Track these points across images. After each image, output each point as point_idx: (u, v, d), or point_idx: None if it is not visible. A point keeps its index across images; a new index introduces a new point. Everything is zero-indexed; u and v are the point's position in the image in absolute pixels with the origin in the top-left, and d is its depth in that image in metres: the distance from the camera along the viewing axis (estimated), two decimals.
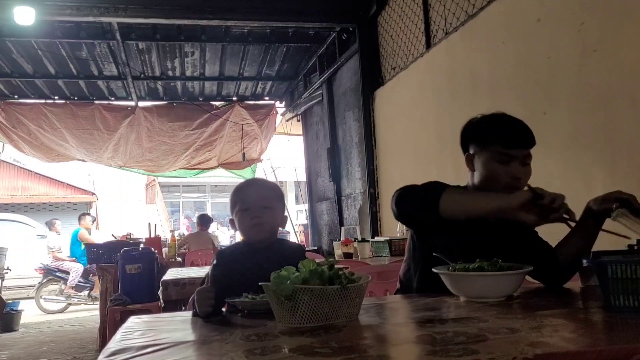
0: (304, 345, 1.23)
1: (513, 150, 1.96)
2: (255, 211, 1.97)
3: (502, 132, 2.00)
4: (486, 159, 1.99)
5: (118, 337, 1.46)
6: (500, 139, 1.98)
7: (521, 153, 1.97)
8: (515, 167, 1.95)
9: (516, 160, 1.96)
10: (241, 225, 2.00)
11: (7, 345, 6.72)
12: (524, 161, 1.98)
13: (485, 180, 2.00)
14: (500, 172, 1.96)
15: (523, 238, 2.08)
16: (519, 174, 1.95)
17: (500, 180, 1.95)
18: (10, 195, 17.50)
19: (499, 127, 2.03)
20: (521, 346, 1.11)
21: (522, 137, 1.99)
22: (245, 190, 2.07)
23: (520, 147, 1.97)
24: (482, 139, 2.03)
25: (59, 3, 5.52)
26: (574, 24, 2.99)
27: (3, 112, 8.55)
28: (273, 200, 2.04)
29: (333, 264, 1.51)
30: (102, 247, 6.73)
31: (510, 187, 1.93)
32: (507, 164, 1.95)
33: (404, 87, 5.41)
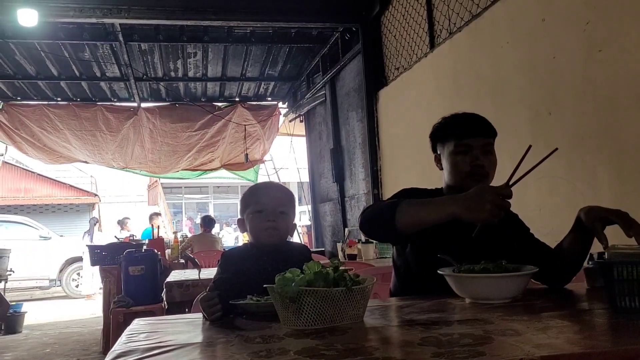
0: (309, 348, 1.22)
1: (469, 139, 2.05)
2: (271, 214, 1.95)
3: (456, 126, 2.10)
4: (448, 153, 2.09)
5: (123, 339, 1.46)
6: (456, 131, 2.08)
7: (479, 142, 2.05)
8: (474, 154, 2.03)
9: (475, 149, 2.04)
10: (253, 226, 1.98)
11: (11, 347, 6.73)
12: (484, 149, 2.05)
13: (451, 174, 2.10)
14: (461, 162, 2.05)
15: (520, 238, 2.09)
16: (479, 161, 2.02)
17: (462, 169, 2.04)
18: (13, 197, 17.52)
19: (454, 122, 2.13)
20: (527, 348, 1.11)
21: (477, 126, 2.08)
22: (261, 192, 2.05)
23: (476, 136, 2.05)
24: (443, 136, 2.14)
25: (62, 5, 5.53)
26: (579, 23, 2.98)
27: (6, 113, 8.57)
28: (288, 206, 2.02)
29: (338, 266, 1.50)
30: (105, 249, 6.72)
31: (473, 175, 2.02)
32: (466, 153, 2.04)
33: (407, 88, 5.41)
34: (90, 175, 19.16)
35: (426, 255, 1.98)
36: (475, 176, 2.02)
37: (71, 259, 12.98)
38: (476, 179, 2.01)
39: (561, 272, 2.00)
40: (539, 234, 2.14)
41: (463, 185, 2.01)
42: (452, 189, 2.10)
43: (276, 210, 1.97)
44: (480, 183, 1.99)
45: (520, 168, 1.77)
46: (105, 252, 6.59)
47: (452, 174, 2.08)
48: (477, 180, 2.01)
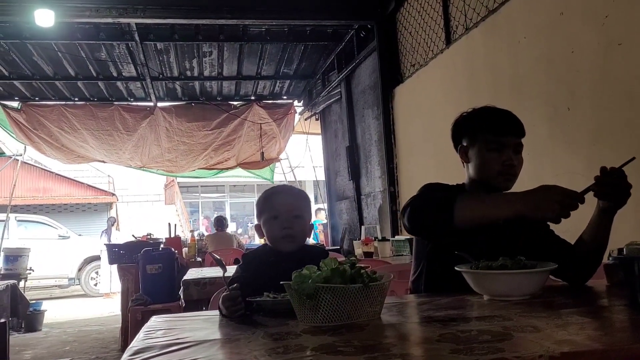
0: (326, 344, 1.22)
1: (504, 137, 2.02)
2: (286, 221, 1.96)
3: (492, 121, 2.07)
4: (479, 148, 2.05)
5: (141, 336, 1.46)
6: (492, 127, 2.04)
7: (512, 141, 2.03)
8: (508, 154, 2.01)
9: (508, 148, 2.01)
10: (271, 233, 1.99)
11: (31, 345, 6.80)
12: (516, 149, 2.04)
13: (480, 170, 2.06)
14: (493, 160, 2.01)
15: (538, 235, 2.07)
16: (512, 160, 2.00)
17: (494, 167, 2.01)
18: (32, 197, 17.70)
19: (489, 117, 2.10)
20: (547, 344, 1.10)
21: (512, 125, 2.05)
22: (274, 198, 2.05)
23: (511, 135, 2.03)
24: (474, 130, 2.09)
25: (79, 5, 5.57)
26: (597, 17, 2.94)
27: (24, 114, 8.66)
28: (302, 209, 2.03)
29: (354, 263, 1.50)
30: (123, 248, 6.77)
31: (504, 174, 2.01)
32: (499, 151, 2.01)
33: (423, 84, 5.38)
34: (107, 174, 19.30)
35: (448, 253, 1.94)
36: (506, 175, 2.01)
37: (89, 257, 13.10)
38: (506, 179, 2.01)
39: (581, 268, 1.98)
40: (557, 231, 2.11)
41: (491, 183, 2.02)
42: (478, 184, 2.07)
43: (290, 215, 1.97)
44: (510, 183, 2.02)
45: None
46: (123, 251, 6.63)
47: (482, 170, 2.04)
48: (507, 180, 2.01)
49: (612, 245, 1.89)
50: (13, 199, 11.57)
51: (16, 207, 15.01)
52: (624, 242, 1.68)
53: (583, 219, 1.92)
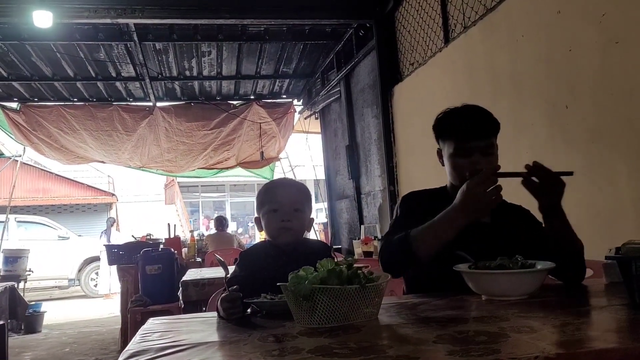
0: (322, 346, 1.22)
1: (469, 142, 1.99)
2: (286, 213, 1.96)
3: (457, 126, 2.03)
4: (449, 153, 2.05)
5: (137, 338, 1.46)
6: (455, 133, 2.02)
7: (478, 144, 1.99)
8: (475, 158, 1.98)
9: (475, 152, 1.99)
10: (269, 226, 1.98)
11: (31, 347, 6.80)
12: (485, 151, 2.00)
13: (451, 176, 2.07)
14: (461, 166, 2.01)
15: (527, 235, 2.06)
16: (479, 165, 1.97)
17: (462, 173, 1.99)
18: (31, 198, 17.71)
19: (453, 123, 2.06)
20: (543, 345, 1.09)
21: (476, 128, 2.01)
22: (275, 191, 2.05)
23: (476, 139, 1.99)
24: (443, 134, 2.09)
25: (77, 6, 5.56)
26: (595, 15, 2.94)
27: (23, 115, 8.66)
28: (303, 203, 2.02)
29: (351, 263, 1.49)
30: (122, 248, 6.77)
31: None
32: (468, 156, 1.99)
33: (423, 83, 5.37)
34: (107, 175, 19.31)
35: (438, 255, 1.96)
36: None
37: (89, 258, 13.10)
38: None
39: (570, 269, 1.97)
40: None
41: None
42: (455, 188, 2.05)
43: (291, 208, 1.97)
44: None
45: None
46: (123, 252, 6.63)
47: (453, 176, 2.07)
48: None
49: (610, 244, 1.88)
50: (12, 200, 11.56)
51: (16, 208, 15.00)
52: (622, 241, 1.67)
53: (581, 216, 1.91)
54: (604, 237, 2.87)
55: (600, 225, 2.95)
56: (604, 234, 2.91)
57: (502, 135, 4.01)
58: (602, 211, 2.96)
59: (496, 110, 4.11)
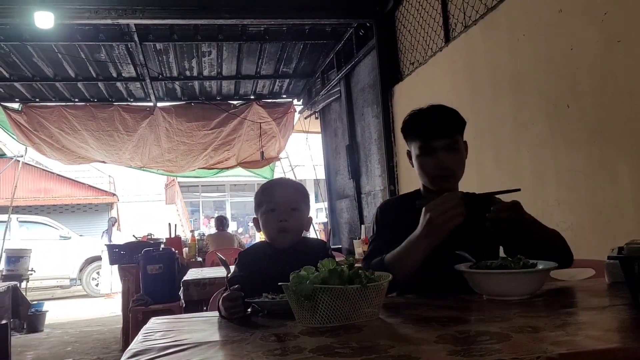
0: (324, 346, 1.22)
1: (431, 141, 2.01)
2: (283, 213, 1.95)
3: (420, 127, 2.06)
4: (416, 154, 2.08)
5: (140, 338, 1.46)
6: (417, 133, 2.06)
7: (441, 143, 2.00)
8: (440, 156, 2.00)
9: (439, 150, 2.00)
10: (267, 226, 1.98)
11: (33, 346, 6.81)
12: (449, 148, 2.02)
13: (420, 176, 2.10)
14: (426, 165, 2.04)
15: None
16: (444, 162, 2.00)
17: (429, 172, 2.03)
18: (33, 198, 17.72)
19: (416, 122, 2.09)
20: (545, 345, 1.09)
21: (440, 127, 2.03)
22: (272, 191, 2.04)
23: (438, 137, 2.01)
24: (409, 135, 2.12)
25: (78, 6, 5.57)
26: (596, 14, 2.94)
27: (25, 115, 8.66)
28: (300, 202, 2.02)
29: (353, 263, 1.49)
30: (124, 248, 6.77)
31: (439, 177, 2.02)
32: (432, 155, 2.01)
33: (423, 82, 5.37)
34: (108, 175, 19.32)
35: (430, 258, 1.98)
36: (441, 178, 2.03)
37: (91, 258, 13.12)
38: (443, 180, 2.03)
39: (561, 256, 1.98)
40: (558, 229, 2.11)
41: (432, 187, 2.06)
42: (427, 189, 2.12)
43: (288, 207, 1.96)
44: (448, 184, 2.02)
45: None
46: (124, 251, 6.64)
47: (421, 176, 2.09)
48: (443, 182, 2.03)
49: (612, 243, 1.88)
50: (14, 200, 11.56)
51: (17, 208, 15.03)
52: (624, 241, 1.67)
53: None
54: (606, 236, 2.88)
55: (602, 225, 2.95)
56: (606, 233, 2.91)
57: (503, 134, 4.02)
58: (603, 210, 2.96)
59: (497, 110, 4.13)
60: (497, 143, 3.92)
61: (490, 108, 4.06)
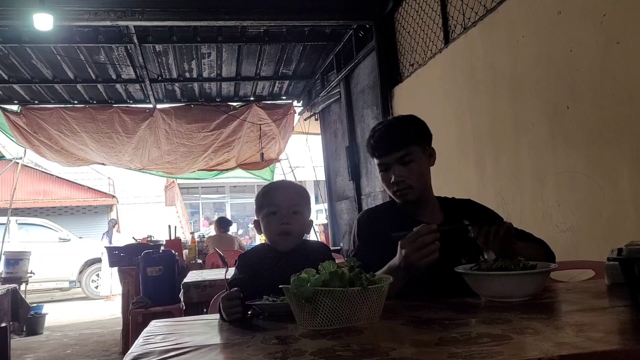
0: (325, 348, 1.22)
1: (384, 157, 2.07)
2: (285, 216, 1.95)
3: (373, 145, 2.12)
4: (378, 171, 2.14)
5: (140, 341, 1.46)
6: (372, 152, 2.13)
7: (393, 158, 2.05)
8: (395, 170, 2.05)
9: (393, 165, 2.05)
10: (268, 229, 1.98)
11: (33, 349, 6.80)
12: (402, 161, 2.05)
13: (387, 191, 2.16)
14: (385, 181, 2.11)
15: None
16: (398, 177, 2.04)
17: (389, 187, 2.10)
18: (32, 200, 17.72)
19: (371, 141, 2.13)
20: (546, 347, 1.09)
21: (386, 143, 2.07)
22: (274, 193, 2.03)
23: (389, 153, 2.06)
24: (370, 154, 2.17)
25: (77, 8, 5.56)
26: (596, 15, 2.94)
27: (24, 117, 8.65)
28: (302, 205, 2.01)
29: (353, 266, 1.49)
30: (123, 250, 6.77)
31: (398, 191, 2.06)
32: (387, 171, 2.07)
33: (423, 84, 5.37)
34: (107, 177, 19.31)
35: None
36: (400, 191, 2.07)
37: (90, 260, 13.11)
38: (402, 194, 2.07)
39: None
40: (558, 230, 2.12)
41: (398, 201, 2.13)
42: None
43: (290, 211, 1.96)
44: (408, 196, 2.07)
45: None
46: (124, 254, 6.63)
47: (386, 191, 2.16)
48: (403, 195, 2.07)
49: (612, 244, 1.88)
50: (13, 202, 11.56)
51: (17, 210, 15.01)
52: (624, 242, 1.68)
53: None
54: (606, 237, 2.88)
55: (602, 226, 2.95)
56: (606, 234, 2.91)
57: (503, 135, 4.01)
58: (603, 212, 2.96)
59: (496, 111, 4.13)
60: (496, 144, 3.92)
61: (490, 109, 4.07)
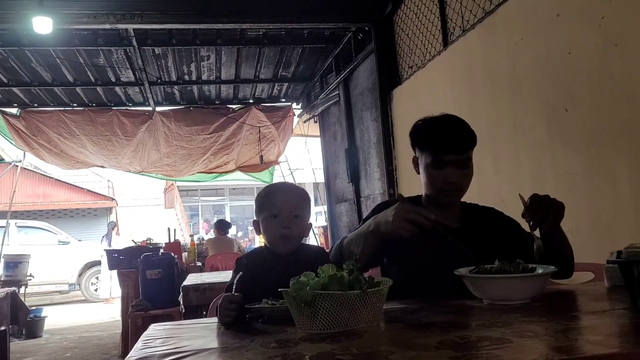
0: (324, 352, 1.22)
1: (444, 156, 2.00)
2: (286, 220, 1.93)
3: (433, 139, 2.04)
4: (424, 164, 2.07)
5: (140, 345, 1.46)
6: (432, 145, 2.03)
7: (453, 158, 2.00)
8: (450, 171, 2.00)
9: (450, 165, 2.00)
10: (268, 232, 1.96)
11: (32, 352, 6.79)
12: (461, 165, 2.02)
13: (425, 186, 2.11)
14: (436, 177, 2.03)
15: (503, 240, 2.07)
16: (453, 178, 2.01)
17: (436, 185, 2.04)
18: (31, 203, 17.71)
19: (431, 134, 2.06)
20: (546, 350, 1.09)
21: (453, 143, 2.01)
22: (275, 196, 2.01)
23: (452, 153, 2.00)
24: (420, 144, 2.11)
25: (76, 11, 5.56)
26: (594, 18, 2.94)
27: (23, 120, 8.65)
28: (303, 209, 2.00)
29: (353, 269, 1.49)
30: (123, 253, 6.77)
31: (446, 192, 2.03)
32: (441, 169, 2.01)
33: (422, 86, 5.38)
34: (107, 179, 19.32)
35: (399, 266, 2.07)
36: (448, 192, 2.04)
37: (90, 263, 13.11)
38: (449, 195, 2.05)
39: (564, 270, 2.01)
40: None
41: (436, 199, 2.07)
42: (429, 198, 2.13)
43: (291, 214, 1.94)
44: (453, 198, 2.07)
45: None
46: (123, 256, 6.63)
47: (427, 187, 2.10)
48: (449, 196, 2.05)
49: (611, 247, 1.88)
50: (13, 205, 11.56)
51: (16, 213, 15.01)
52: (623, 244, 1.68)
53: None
54: (605, 239, 2.88)
55: (601, 228, 2.95)
56: (605, 236, 2.91)
57: (502, 137, 4.01)
58: (602, 214, 2.96)
59: (495, 113, 4.13)
60: (495, 147, 3.92)
61: (489, 112, 4.07)
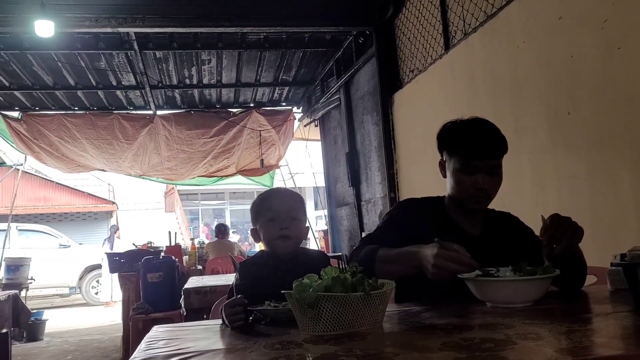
0: (328, 354, 1.21)
1: (477, 161, 1.96)
2: (283, 222, 1.95)
3: (465, 143, 1.99)
4: (454, 168, 2.02)
5: (143, 346, 1.46)
6: (464, 150, 1.99)
7: (484, 164, 1.97)
8: (481, 177, 1.97)
9: (480, 171, 1.97)
10: (267, 236, 1.98)
11: (33, 355, 6.78)
12: (491, 171, 1.98)
13: (453, 190, 2.05)
14: (466, 183, 1.99)
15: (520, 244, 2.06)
16: (483, 184, 1.97)
17: (465, 190, 1.99)
18: (32, 206, 17.70)
19: (463, 138, 2.01)
20: (550, 352, 1.09)
21: (486, 148, 1.98)
22: (271, 200, 2.03)
23: (484, 159, 1.97)
24: (450, 147, 2.05)
25: (78, 15, 5.58)
26: (596, 21, 2.95)
27: (25, 123, 8.66)
28: (299, 211, 2.02)
29: (356, 271, 1.49)
30: (124, 256, 6.77)
31: (475, 197, 1.99)
32: (472, 174, 1.97)
33: (423, 90, 5.38)
34: (108, 183, 19.30)
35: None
36: (477, 198, 2.00)
37: (90, 266, 13.09)
38: (477, 201, 2.01)
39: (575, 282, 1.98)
40: None
41: (463, 204, 2.04)
42: (454, 200, 2.08)
43: (288, 216, 1.97)
44: (481, 205, 2.02)
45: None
46: (124, 260, 6.63)
47: (455, 191, 2.05)
48: (478, 203, 2.02)
49: (614, 250, 1.88)
50: (14, 209, 11.56)
51: (17, 217, 15.00)
52: (626, 247, 1.67)
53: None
54: (607, 243, 2.88)
55: (603, 231, 2.95)
56: (607, 239, 2.91)
57: None
58: (604, 217, 2.96)
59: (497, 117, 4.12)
60: None
61: (491, 115, 4.03)
